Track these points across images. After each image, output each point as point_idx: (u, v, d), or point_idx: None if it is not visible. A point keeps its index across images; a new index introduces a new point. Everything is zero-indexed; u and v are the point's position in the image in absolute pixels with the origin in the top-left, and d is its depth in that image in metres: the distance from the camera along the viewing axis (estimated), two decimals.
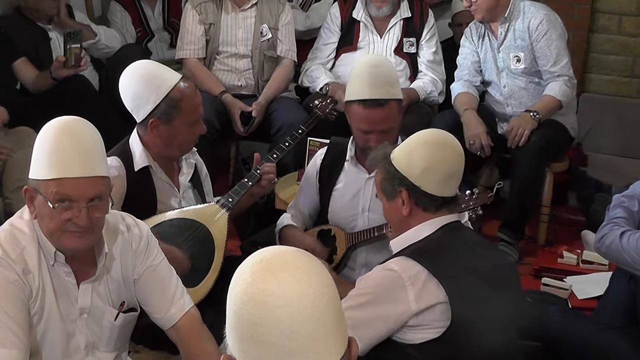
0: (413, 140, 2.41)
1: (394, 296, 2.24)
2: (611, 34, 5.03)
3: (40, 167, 2.07)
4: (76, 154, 2.06)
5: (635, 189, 2.98)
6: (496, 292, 2.34)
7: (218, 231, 2.93)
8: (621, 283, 2.97)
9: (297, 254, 1.29)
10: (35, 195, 2.07)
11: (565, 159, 4.19)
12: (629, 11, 4.97)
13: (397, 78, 3.12)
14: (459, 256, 2.33)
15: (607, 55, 5.07)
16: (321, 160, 3.20)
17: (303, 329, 1.22)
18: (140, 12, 4.93)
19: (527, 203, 3.97)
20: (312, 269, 1.27)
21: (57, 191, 2.02)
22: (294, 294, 1.22)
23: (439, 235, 2.34)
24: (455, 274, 2.26)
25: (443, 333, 2.25)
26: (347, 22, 4.30)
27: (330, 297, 1.26)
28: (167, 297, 2.31)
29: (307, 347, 1.23)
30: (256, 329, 1.23)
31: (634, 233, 2.78)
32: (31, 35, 4.24)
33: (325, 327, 1.25)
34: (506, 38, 3.96)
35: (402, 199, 2.35)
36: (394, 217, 2.43)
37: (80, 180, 2.05)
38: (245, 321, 1.24)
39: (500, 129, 4.08)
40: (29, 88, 4.10)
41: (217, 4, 4.21)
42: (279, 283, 1.23)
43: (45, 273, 2.15)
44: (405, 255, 2.29)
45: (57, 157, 2.05)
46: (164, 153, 2.89)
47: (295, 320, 1.22)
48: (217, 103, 4.07)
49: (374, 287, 2.29)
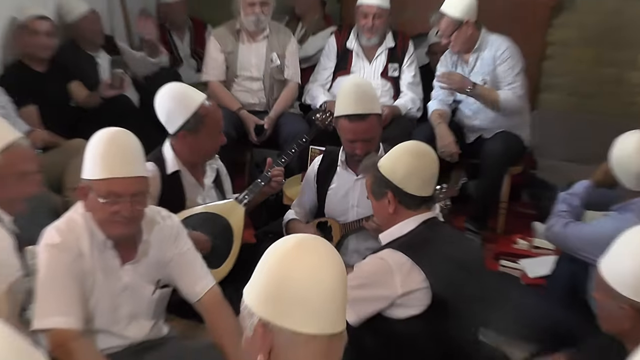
0: (396, 151, 2.43)
1: (384, 281, 2.27)
2: (558, 61, 5.04)
3: (91, 169, 2.10)
4: (121, 158, 2.10)
5: (576, 188, 3.01)
6: (466, 273, 2.37)
7: (236, 222, 2.94)
8: (565, 264, 2.99)
9: (321, 241, 1.38)
10: (88, 192, 2.11)
11: (520, 163, 4.19)
12: (572, 43, 4.98)
13: (377, 96, 3.16)
14: (437, 247, 2.35)
15: (555, 79, 5.08)
16: (318, 166, 3.23)
17: (327, 273, 1.31)
18: (172, 42, 4.95)
19: (490, 200, 4.00)
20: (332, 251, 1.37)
21: (106, 189, 2.07)
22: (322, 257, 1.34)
23: (420, 230, 2.37)
24: (434, 263, 2.29)
25: (424, 311, 2.28)
26: (342, 51, 4.31)
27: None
28: (193, 277, 2.33)
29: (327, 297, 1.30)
30: (289, 284, 1.28)
31: (575, 224, 2.81)
32: (82, 61, 4.25)
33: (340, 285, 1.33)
34: (476, 65, 3.96)
35: (388, 199, 2.37)
36: (382, 214, 2.45)
37: (124, 179, 2.08)
38: (276, 272, 1.30)
39: (469, 139, 4.09)
40: (81, 105, 4.10)
41: (235, 36, 4.21)
42: (309, 251, 1.33)
43: (95, 256, 2.17)
44: (393, 247, 2.32)
45: (105, 161, 2.08)
46: (191, 159, 2.91)
47: (321, 270, 1.31)
48: (235, 117, 4.07)
49: (368, 272, 2.32)
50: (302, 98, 4.45)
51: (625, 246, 1.84)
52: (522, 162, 4.22)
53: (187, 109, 2.79)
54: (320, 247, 1.36)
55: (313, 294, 1.29)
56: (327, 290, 1.30)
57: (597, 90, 5.02)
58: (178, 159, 2.87)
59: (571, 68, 5.03)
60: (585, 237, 2.73)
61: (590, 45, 4.96)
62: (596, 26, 4.90)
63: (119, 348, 2.26)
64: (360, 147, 2.94)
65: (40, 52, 3.89)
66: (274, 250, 1.35)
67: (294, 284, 1.29)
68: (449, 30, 3.81)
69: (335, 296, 1.32)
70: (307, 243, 1.36)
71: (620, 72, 4.96)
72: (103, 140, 2.12)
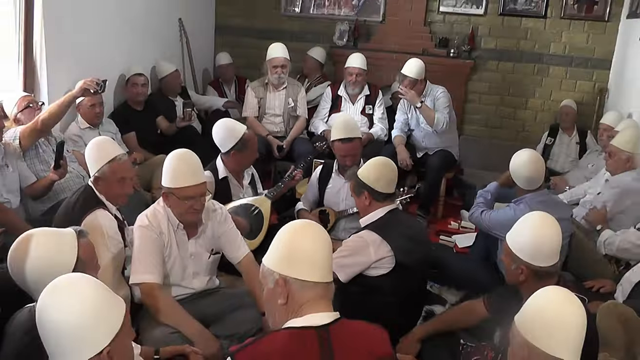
0: (369, 163, 2.40)
1: (363, 251, 2.23)
2: (475, 104, 5.00)
3: (171, 180, 2.06)
4: (191, 172, 2.05)
5: (488, 187, 2.97)
6: (418, 245, 2.33)
7: (265, 210, 2.90)
8: (481, 239, 2.94)
9: (316, 224, 1.42)
10: (169, 195, 2.06)
11: (452, 171, 4.13)
12: (483, 92, 4.95)
13: (358, 126, 3.12)
14: (398, 227, 2.30)
15: (473, 115, 5.02)
16: (319, 173, 3.18)
17: (320, 244, 1.35)
18: (223, 91, 4.88)
19: (432, 195, 3.93)
20: (323, 230, 1.41)
21: (184, 193, 2.03)
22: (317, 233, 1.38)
23: (387, 216, 2.32)
24: (396, 238, 2.24)
25: (390, 271, 2.23)
26: (335, 97, 4.24)
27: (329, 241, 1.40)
28: (235, 247, 2.28)
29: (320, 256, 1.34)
30: (295, 244, 1.34)
31: (488, 212, 2.76)
32: (166, 103, 4.18)
33: (328, 251, 1.37)
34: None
35: (364, 196, 2.33)
36: (361, 206, 2.39)
37: (195, 186, 2.04)
38: (289, 241, 1.35)
39: (418, 155, 4.03)
40: (163, 133, 4.04)
41: (264, 87, 4.15)
42: (309, 229, 1.38)
43: (171, 234, 2.13)
44: (369, 229, 2.28)
45: (181, 175, 2.04)
46: (236, 169, 2.87)
47: (317, 241, 1.36)
48: (264, 140, 4.01)
49: (352, 246, 2.27)
50: (308, 128, 4.38)
51: (523, 225, 1.84)
52: (453, 170, 4.16)
53: (235, 136, 2.78)
54: (314, 226, 1.40)
55: (312, 254, 1.33)
56: (319, 252, 1.34)
57: (500, 123, 5.00)
58: (226, 168, 2.84)
59: (483, 108, 5.00)
60: (495, 221, 2.68)
61: (494, 94, 4.95)
62: (498, 81, 4.91)
63: (186, 295, 2.22)
64: (349, 160, 2.92)
65: (138, 97, 3.84)
66: (285, 230, 1.39)
67: (300, 248, 1.33)
68: (409, 85, 3.77)
69: (324, 255, 1.35)
70: (305, 224, 1.40)
71: (514, 111, 4.95)
72: (176, 159, 2.08)
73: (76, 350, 1.19)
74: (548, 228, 1.79)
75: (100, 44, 3.68)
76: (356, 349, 1.31)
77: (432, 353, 2.07)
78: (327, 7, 5.07)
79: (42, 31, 3.16)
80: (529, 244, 1.78)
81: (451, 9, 4.80)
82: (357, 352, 1.31)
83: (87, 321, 1.20)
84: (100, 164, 2.13)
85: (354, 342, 1.32)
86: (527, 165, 2.58)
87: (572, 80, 4.74)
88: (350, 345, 1.30)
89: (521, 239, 1.81)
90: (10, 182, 2.63)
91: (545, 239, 1.78)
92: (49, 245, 1.51)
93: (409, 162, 3.84)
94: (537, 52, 4.74)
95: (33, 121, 2.81)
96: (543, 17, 4.66)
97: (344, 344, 1.28)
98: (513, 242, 1.84)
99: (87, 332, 1.19)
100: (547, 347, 1.31)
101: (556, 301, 1.35)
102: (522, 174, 2.60)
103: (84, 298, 1.21)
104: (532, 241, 1.78)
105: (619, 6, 4.48)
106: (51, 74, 3.26)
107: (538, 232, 1.78)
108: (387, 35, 4.89)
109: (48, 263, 1.48)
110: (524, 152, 2.66)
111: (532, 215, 1.84)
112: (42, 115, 2.80)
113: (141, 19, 4.15)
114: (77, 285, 1.25)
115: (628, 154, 2.89)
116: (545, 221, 1.80)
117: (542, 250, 1.77)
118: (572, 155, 4.30)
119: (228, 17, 5.32)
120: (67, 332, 1.19)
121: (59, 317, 1.19)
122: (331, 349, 1.26)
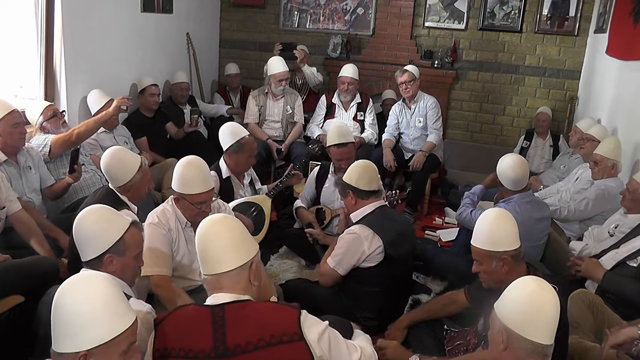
0: (351, 167, 2.41)
1: (357, 246, 2.23)
2: (457, 110, 5.00)
3: (184, 186, 2.05)
4: (201, 179, 2.06)
5: (474, 189, 2.97)
6: (405, 239, 2.33)
7: (266, 207, 2.89)
8: (463, 234, 2.93)
9: (225, 216, 1.51)
10: (180, 199, 2.06)
11: (437, 171, 4.13)
12: (465, 100, 4.95)
13: (351, 132, 3.11)
14: (388, 223, 2.30)
15: (455, 121, 5.02)
16: (316, 173, 3.17)
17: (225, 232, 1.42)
18: (229, 97, 4.87)
19: (418, 194, 3.92)
20: (231, 219, 1.49)
21: (196, 199, 2.04)
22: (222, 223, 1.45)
23: (377, 212, 2.32)
24: (386, 232, 2.24)
25: (380, 262, 2.23)
26: (329, 104, 4.23)
27: (236, 227, 1.46)
28: None
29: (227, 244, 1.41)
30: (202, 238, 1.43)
31: (476, 211, 2.76)
32: (175, 111, 4.17)
33: (234, 240, 1.42)
34: (415, 110, 3.95)
35: (350, 195, 2.34)
36: (348, 205, 2.40)
37: (206, 192, 2.05)
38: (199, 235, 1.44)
39: (407, 157, 4.02)
40: (173, 137, 4.02)
41: (264, 96, 4.14)
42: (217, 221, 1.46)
43: (180, 231, 2.12)
44: (361, 224, 2.27)
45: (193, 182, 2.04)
46: (236, 169, 2.87)
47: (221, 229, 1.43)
48: (265, 144, 4.00)
49: (347, 241, 2.27)
50: (305, 132, 4.38)
51: (483, 222, 1.83)
52: (438, 170, 4.16)
53: (235, 138, 2.79)
54: (226, 217, 1.49)
55: (202, 253, 1.44)
56: (208, 250, 1.42)
57: (480, 128, 5.00)
58: (228, 169, 2.84)
59: (464, 115, 4.99)
60: None
61: (475, 101, 4.95)
62: (478, 90, 4.91)
63: (192, 287, 2.19)
64: (344, 163, 2.88)
65: (150, 105, 3.83)
66: (203, 223, 1.46)
67: (199, 249, 1.45)
68: (409, 79, 3.82)
69: (216, 249, 1.42)
70: (217, 217, 1.48)
71: (493, 117, 4.95)
72: (187, 166, 2.07)
73: (60, 340, 1.12)
74: (503, 218, 1.79)
75: (114, 57, 3.67)
76: (248, 324, 1.31)
77: (418, 338, 2.07)
78: (322, 22, 5.09)
79: (61, 45, 3.17)
80: (487, 232, 1.79)
81: (435, 24, 4.83)
82: (248, 327, 1.31)
83: (81, 318, 1.11)
84: (131, 174, 2.19)
85: (248, 319, 1.32)
86: (513, 168, 2.57)
87: (546, 89, 4.76)
88: (241, 321, 1.32)
89: (483, 233, 1.82)
90: (32, 182, 2.64)
91: (500, 225, 1.78)
92: (105, 216, 1.57)
93: (393, 163, 3.86)
94: (514, 63, 4.76)
95: (67, 133, 2.84)
96: (519, 32, 4.69)
97: (237, 320, 1.32)
98: (481, 242, 1.82)
99: (74, 329, 1.11)
100: (524, 332, 1.32)
101: (532, 290, 1.35)
102: (509, 176, 2.58)
103: (84, 298, 1.13)
104: (489, 228, 1.78)
105: (587, 22, 4.52)
106: (70, 84, 3.26)
107: (493, 222, 1.80)
108: (377, 48, 4.90)
109: (96, 230, 1.54)
110: (509, 156, 2.64)
111: (488, 211, 1.85)
112: (78, 129, 2.84)
113: (152, 34, 4.14)
114: (91, 281, 1.17)
115: (613, 161, 2.85)
116: (499, 213, 1.81)
117: (500, 234, 1.77)
118: (546, 157, 4.32)
119: (231, 31, 5.33)
120: (62, 318, 1.12)
121: (64, 302, 1.13)
122: (224, 323, 1.32)
